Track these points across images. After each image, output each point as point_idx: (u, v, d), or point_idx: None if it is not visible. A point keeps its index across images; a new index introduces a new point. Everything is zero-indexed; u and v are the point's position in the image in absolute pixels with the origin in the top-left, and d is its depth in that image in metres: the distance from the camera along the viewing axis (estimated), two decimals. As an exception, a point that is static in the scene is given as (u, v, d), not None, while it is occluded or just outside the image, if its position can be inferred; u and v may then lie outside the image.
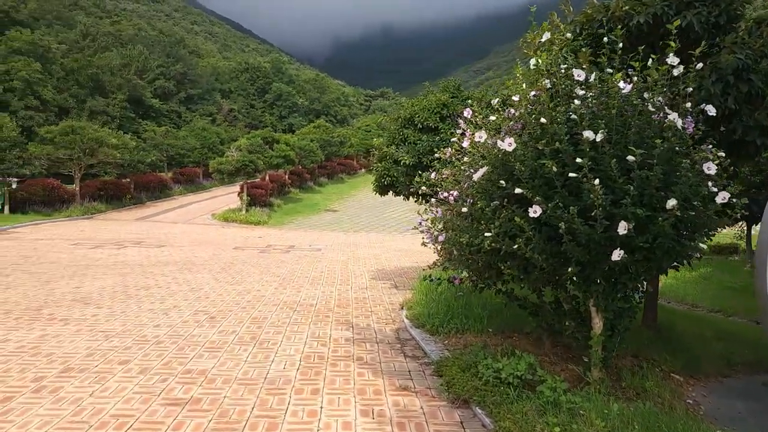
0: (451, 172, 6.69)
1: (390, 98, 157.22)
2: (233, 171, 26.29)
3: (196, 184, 40.65)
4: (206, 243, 18.90)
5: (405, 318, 8.35)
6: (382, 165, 9.72)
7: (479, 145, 5.70)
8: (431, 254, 16.98)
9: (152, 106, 69.05)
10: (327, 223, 26.51)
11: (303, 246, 18.68)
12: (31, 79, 54.15)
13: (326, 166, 44.04)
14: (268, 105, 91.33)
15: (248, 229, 23.89)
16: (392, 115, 10.06)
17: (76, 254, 15.03)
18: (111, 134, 29.22)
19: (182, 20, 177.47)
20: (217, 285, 11.00)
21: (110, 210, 29.17)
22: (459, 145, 6.56)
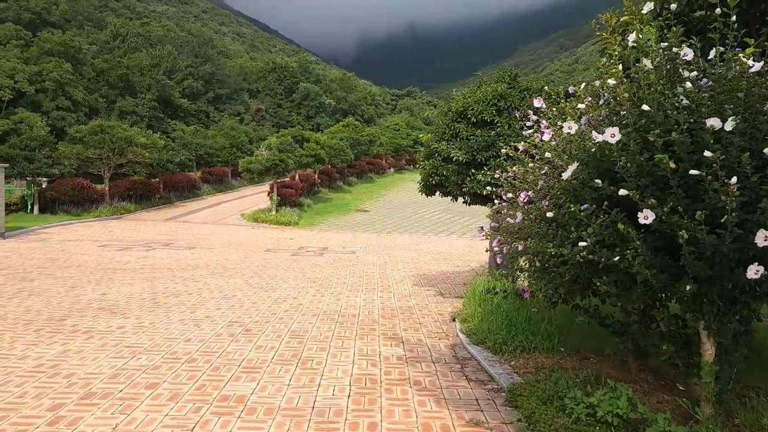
0: (524, 170, 5.83)
1: (417, 97, 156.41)
2: (263, 170, 25.71)
3: (225, 183, 40.30)
4: (236, 244, 18.30)
5: (459, 332, 7.52)
6: (429, 163, 8.92)
7: (566, 139, 4.86)
8: (471, 258, 16.13)
9: (181, 106, 69.26)
10: (359, 223, 25.78)
11: (337, 248, 17.96)
12: (62, 80, 54.59)
13: (355, 165, 43.36)
14: (296, 105, 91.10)
15: (279, 230, 23.28)
16: (442, 108, 9.24)
17: (103, 257, 14.51)
18: (140, 133, 28.89)
19: (210, 21, 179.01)
20: (251, 292, 10.30)
21: (139, 210, 28.85)
22: (532, 140, 5.69)
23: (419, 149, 9.90)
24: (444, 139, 8.63)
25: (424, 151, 9.49)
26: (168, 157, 31.04)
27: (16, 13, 64.63)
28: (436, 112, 9.42)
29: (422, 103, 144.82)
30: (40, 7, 68.29)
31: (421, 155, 9.60)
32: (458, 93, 9.09)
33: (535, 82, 8.56)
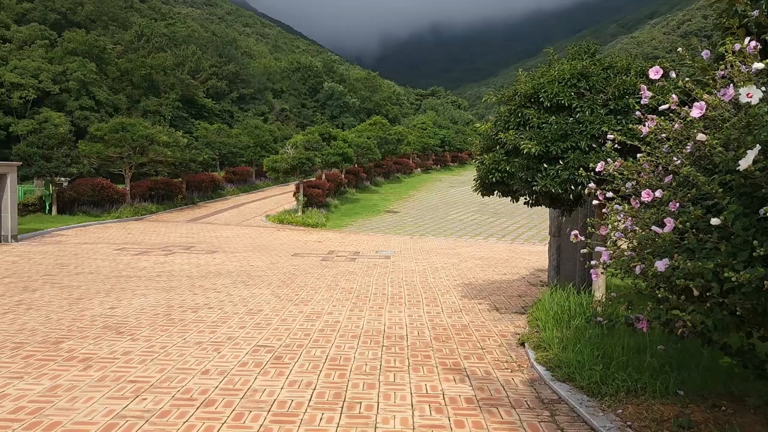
0: (649, 159, 4.42)
1: (441, 97, 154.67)
2: (289, 169, 24.51)
3: (249, 183, 39.29)
4: (261, 248, 17.09)
5: (536, 363, 6.12)
6: (489, 157, 7.53)
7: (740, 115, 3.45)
8: (517, 264, 14.68)
9: (205, 105, 68.73)
10: (389, 225, 24.45)
11: (369, 252, 16.64)
12: (86, 80, 54.27)
13: (382, 165, 42.04)
14: (320, 104, 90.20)
15: (305, 233, 22.05)
16: (504, 91, 7.82)
17: (118, 262, 13.37)
18: (162, 131, 27.92)
19: (234, 22, 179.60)
20: (279, 305, 9.02)
21: (161, 211, 27.88)
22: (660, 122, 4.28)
23: (473, 141, 8.49)
24: (508, 128, 7.25)
25: (481, 143, 8.10)
26: (191, 156, 30.04)
27: (41, 13, 64.60)
28: (495, 95, 8.02)
29: (447, 102, 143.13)
30: (66, 7, 68.23)
31: (477, 148, 8.21)
32: (524, 73, 7.70)
33: (619, 59, 7.14)
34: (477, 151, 8.24)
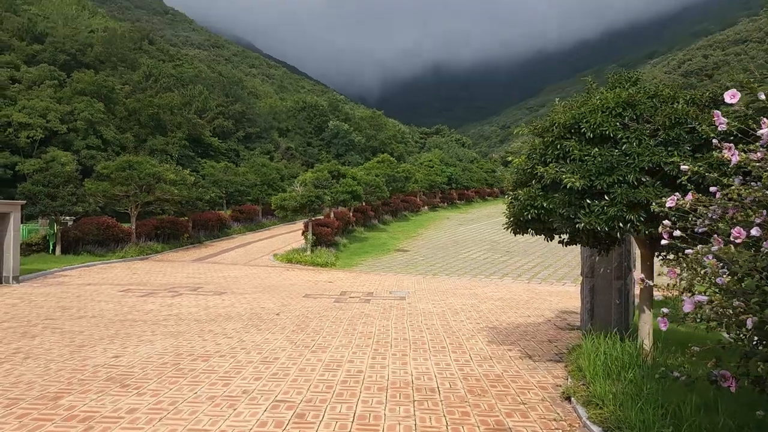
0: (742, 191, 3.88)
1: (445, 135, 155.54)
2: (298, 207, 24.03)
3: (255, 222, 38.82)
4: (271, 289, 16.47)
5: (589, 422, 5.46)
6: (524, 192, 7.00)
7: None
8: (540, 306, 14.02)
9: (211, 144, 68.92)
10: (400, 265, 23.84)
11: (383, 293, 16.01)
12: (93, 119, 54.45)
13: (390, 202, 41.61)
14: (325, 143, 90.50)
15: (315, 272, 21.44)
16: (539, 121, 7.34)
17: (123, 305, 12.77)
18: (169, 169, 27.61)
19: (241, 63, 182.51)
20: (296, 352, 8.39)
21: (167, 250, 27.35)
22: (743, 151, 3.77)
23: (502, 176, 8.00)
24: (546, 161, 6.75)
25: (513, 178, 7.59)
26: (198, 194, 29.66)
27: (51, 54, 65.37)
28: (527, 128, 7.53)
29: (451, 140, 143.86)
30: (75, 48, 69.10)
31: (509, 183, 7.69)
32: (561, 102, 7.24)
33: (663, 87, 6.67)
34: (509, 186, 7.71)
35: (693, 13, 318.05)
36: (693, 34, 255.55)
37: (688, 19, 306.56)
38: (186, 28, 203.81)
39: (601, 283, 9.39)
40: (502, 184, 77.29)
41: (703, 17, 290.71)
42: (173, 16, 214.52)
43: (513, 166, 7.71)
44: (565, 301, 15.05)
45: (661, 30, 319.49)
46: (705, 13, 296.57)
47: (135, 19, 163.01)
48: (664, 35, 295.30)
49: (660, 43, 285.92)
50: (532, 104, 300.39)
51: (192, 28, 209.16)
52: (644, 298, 7.26)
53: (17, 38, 65.64)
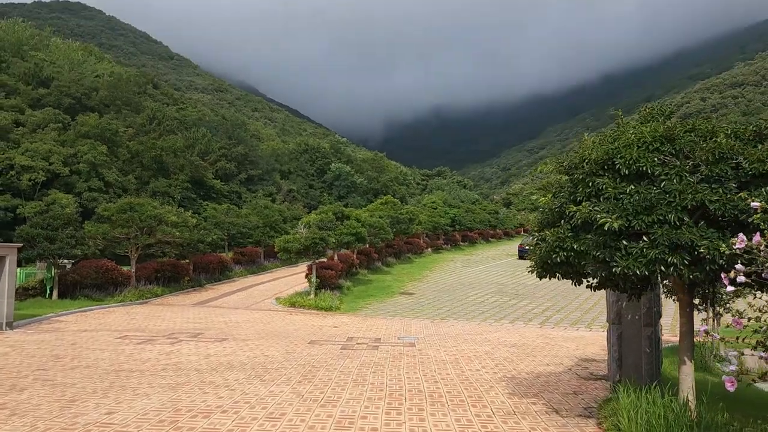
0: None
1: (447, 177, 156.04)
2: (302, 250, 23.51)
3: (257, 264, 38.22)
4: (274, 335, 15.83)
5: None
6: (552, 233, 6.51)
7: None
8: (557, 353, 13.35)
9: (213, 186, 68.83)
10: (406, 308, 23.18)
11: (391, 339, 15.35)
12: (96, 162, 54.41)
13: (393, 245, 41.07)
14: (327, 185, 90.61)
15: (319, 317, 20.78)
16: (565, 157, 6.90)
17: (119, 353, 12.14)
18: (171, 211, 27.19)
19: (244, 107, 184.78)
20: (304, 407, 7.76)
21: (167, 294, 26.70)
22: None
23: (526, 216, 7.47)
24: (575, 200, 6.28)
25: (539, 218, 7.11)
26: (199, 236, 29.17)
27: (56, 98, 65.87)
28: (553, 166, 7.09)
29: (453, 182, 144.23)
30: (81, 92, 69.71)
31: (534, 224, 7.20)
32: (591, 137, 6.82)
33: (700, 122, 6.24)
34: (534, 227, 7.22)
35: (689, 58, 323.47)
36: (689, 78, 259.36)
37: (684, 63, 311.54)
38: (190, 73, 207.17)
39: (630, 330, 8.80)
40: (506, 226, 76.87)
41: (699, 61, 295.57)
42: (178, 61, 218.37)
43: (539, 204, 7.23)
44: (581, 347, 14.40)
45: (657, 74, 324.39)
46: (701, 58, 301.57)
47: (141, 64, 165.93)
48: (661, 79, 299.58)
49: (657, 86, 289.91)
50: (531, 146, 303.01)
51: (196, 72, 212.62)
52: (685, 347, 6.69)
53: (23, 82, 66.33)
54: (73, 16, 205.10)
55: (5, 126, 53.48)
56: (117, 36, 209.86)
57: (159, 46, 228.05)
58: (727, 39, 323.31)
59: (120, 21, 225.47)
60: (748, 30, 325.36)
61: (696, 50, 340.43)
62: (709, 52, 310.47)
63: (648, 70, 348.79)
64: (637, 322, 8.79)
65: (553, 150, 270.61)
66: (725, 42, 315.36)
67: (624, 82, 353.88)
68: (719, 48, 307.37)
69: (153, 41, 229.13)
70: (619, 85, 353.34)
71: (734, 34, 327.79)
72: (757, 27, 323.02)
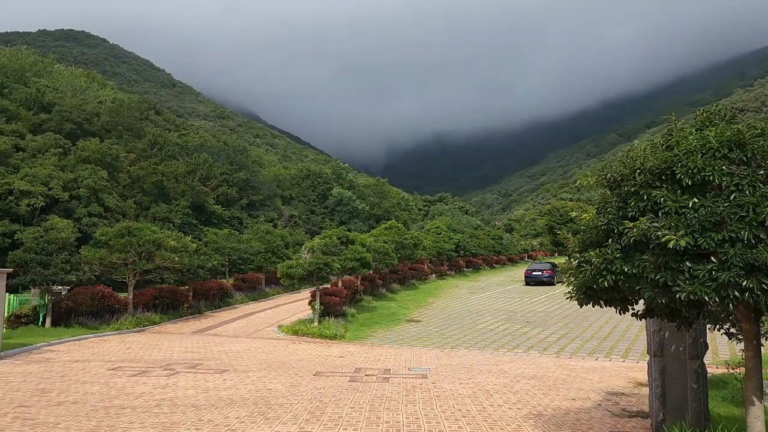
0: None
1: (449, 203, 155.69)
2: (305, 275, 22.65)
3: (258, 291, 37.30)
4: (277, 366, 14.91)
5: None
6: (596, 254, 5.74)
7: None
8: (581, 386, 12.42)
9: (214, 212, 68.18)
10: (414, 337, 22.25)
11: (401, 370, 14.44)
12: (96, 187, 53.87)
13: (397, 270, 40.17)
14: (329, 211, 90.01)
15: (324, 345, 19.84)
16: (613, 168, 6.13)
17: (111, 387, 11.25)
18: (170, 236, 26.41)
19: (245, 133, 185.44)
20: (314, 452, 6.88)
21: (165, 321, 25.78)
22: None
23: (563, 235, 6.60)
24: (625, 215, 5.52)
25: (580, 238, 6.31)
26: (199, 262, 28.35)
27: (57, 123, 65.60)
28: (594, 178, 6.32)
29: (455, 208, 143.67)
30: (82, 118, 69.48)
31: (575, 245, 6.42)
32: (644, 143, 6.07)
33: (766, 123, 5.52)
34: (574, 247, 6.42)
35: (689, 85, 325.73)
36: (690, 104, 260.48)
37: (684, 90, 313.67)
38: (192, 100, 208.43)
39: (674, 363, 7.95)
40: (510, 252, 75.90)
41: (698, 88, 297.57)
42: (181, 88, 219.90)
43: (582, 222, 6.44)
44: (606, 379, 13.47)
45: (657, 100, 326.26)
46: (700, 85, 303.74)
47: (143, 91, 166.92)
48: (661, 105, 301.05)
49: (657, 112, 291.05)
50: (532, 172, 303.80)
51: (198, 99, 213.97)
52: (753, 386, 5.84)
53: (24, 108, 66.16)
54: (77, 45, 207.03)
55: (5, 151, 53.02)
56: (120, 63, 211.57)
57: (162, 73, 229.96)
58: (725, 66, 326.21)
59: (123, 49, 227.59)
60: (746, 57, 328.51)
61: (695, 77, 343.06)
62: (709, 79, 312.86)
63: (648, 97, 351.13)
64: (681, 354, 7.95)
65: (553, 176, 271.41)
66: (724, 69, 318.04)
67: (624, 109, 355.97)
68: (718, 75, 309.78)
69: (156, 69, 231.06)
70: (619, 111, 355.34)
71: (733, 61, 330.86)
72: (755, 54, 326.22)
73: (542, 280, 43.39)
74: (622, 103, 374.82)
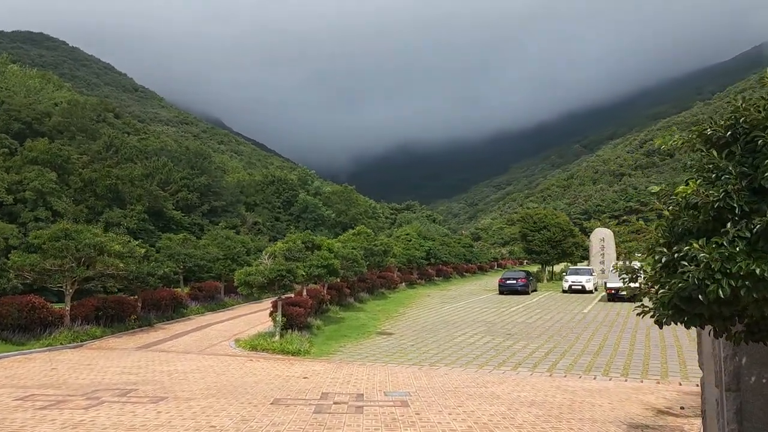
0: None
1: (416, 211, 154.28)
2: (265, 284, 20.23)
3: (217, 300, 34.57)
4: (228, 391, 12.52)
5: None
6: (702, 247, 3.68)
7: None
8: (594, 415, 10.37)
9: (173, 218, 64.82)
10: (386, 352, 20.03)
11: (376, 395, 12.21)
12: (44, 190, 50.32)
13: (366, 279, 37.93)
14: (294, 217, 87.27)
15: (286, 363, 17.46)
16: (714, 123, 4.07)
17: (4, 427, 8.74)
18: (115, 239, 23.71)
19: (209, 140, 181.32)
20: None
21: (108, 335, 23.01)
22: None
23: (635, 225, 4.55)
24: (754, 187, 3.48)
25: (664, 226, 4.22)
26: (149, 269, 25.66)
27: (5, 122, 61.74)
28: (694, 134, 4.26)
29: (422, 216, 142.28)
30: (32, 117, 65.67)
31: (654, 237, 4.30)
32: None
33: None
34: (656, 239, 4.32)
35: (649, 98, 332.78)
36: (650, 117, 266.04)
37: (645, 103, 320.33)
38: (155, 105, 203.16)
39: (757, 400, 5.91)
40: (480, 260, 74.31)
41: (658, 101, 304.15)
42: (143, 93, 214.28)
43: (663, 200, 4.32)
44: (618, 405, 11.47)
45: (619, 112, 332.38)
46: (660, 98, 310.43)
47: (104, 95, 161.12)
48: (622, 117, 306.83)
49: (619, 124, 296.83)
50: (498, 182, 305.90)
51: (161, 105, 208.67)
52: None
53: (-33, 105, 62.13)
54: (34, 47, 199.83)
55: (-59, 149, 49.22)
56: (80, 66, 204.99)
57: (124, 77, 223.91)
58: (684, 81, 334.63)
59: (83, 52, 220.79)
60: (702, 73, 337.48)
61: (656, 90, 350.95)
62: (669, 92, 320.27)
63: (611, 109, 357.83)
64: (765, 387, 5.92)
65: (519, 186, 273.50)
66: (682, 83, 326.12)
67: (587, 120, 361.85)
68: (677, 89, 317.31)
69: (117, 73, 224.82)
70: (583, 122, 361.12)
71: (692, 76, 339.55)
72: (711, 69, 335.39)
73: (517, 289, 41.64)
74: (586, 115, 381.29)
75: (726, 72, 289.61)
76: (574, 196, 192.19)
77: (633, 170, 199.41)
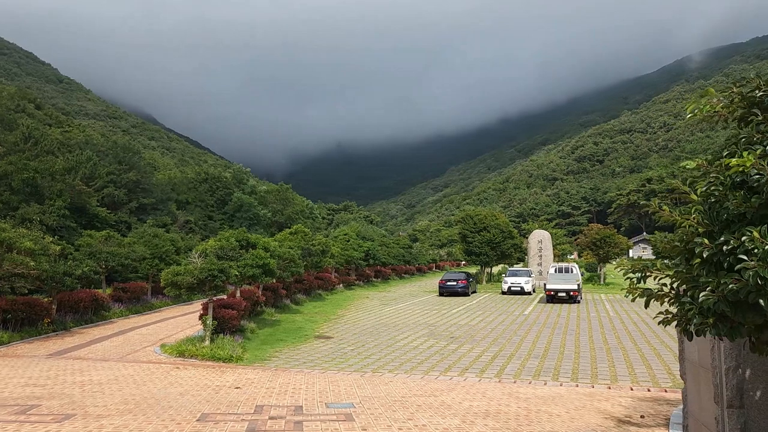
0: None
1: (353, 212, 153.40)
2: (195, 284, 18.66)
3: (143, 302, 32.39)
4: (149, 405, 11.08)
5: None
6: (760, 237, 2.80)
7: None
8: (552, 426, 9.57)
9: (98, 215, 61.23)
10: (326, 357, 18.87)
11: (317, 407, 11.06)
12: (-50, 182, 46.29)
13: (303, 280, 36.59)
14: (228, 216, 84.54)
15: (217, 371, 16.03)
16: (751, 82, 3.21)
17: None
18: (26, 236, 21.52)
19: (140, 135, 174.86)
20: None
21: (16, 341, 20.84)
22: None
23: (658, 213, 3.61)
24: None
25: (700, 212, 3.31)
26: (65, 268, 23.52)
27: None
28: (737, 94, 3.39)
29: (359, 217, 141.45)
30: (-62, 104, 60.61)
31: (689, 223, 3.40)
32: None
33: None
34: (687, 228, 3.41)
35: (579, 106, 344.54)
36: (581, 124, 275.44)
37: (575, 111, 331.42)
38: (81, 98, 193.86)
39: (763, 419, 5.17)
40: (419, 262, 73.98)
41: (589, 109, 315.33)
42: (68, 84, 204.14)
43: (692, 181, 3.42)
44: (575, 415, 10.77)
45: (551, 119, 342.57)
46: (590, 106, 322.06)
47: (25, 85, 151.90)
48: (554, 124, 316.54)
49: (551, 130, 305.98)
50: (435, 184, 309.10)
51: (88, 98, 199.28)
52: None
53: None
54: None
55: None
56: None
57: (47, 68, 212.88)
58: (611, 90, 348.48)
59: (3, 39, 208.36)
60: (630, 83, 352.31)
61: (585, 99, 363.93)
62: (598, 101, 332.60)
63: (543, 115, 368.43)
64: (772, 403, 5.18)
65: (456, 188, 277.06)
66: (610, 93, 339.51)
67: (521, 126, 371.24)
68: (605, 98, 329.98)
69: (40, 62, 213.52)
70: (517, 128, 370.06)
71: (619, 86, 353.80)
72: (638, 80, 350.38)
73: (457, 290, 41.23)
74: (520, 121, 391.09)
75: (651, 83, 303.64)
76: (509, 199, 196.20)
77: (565, 175, 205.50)
